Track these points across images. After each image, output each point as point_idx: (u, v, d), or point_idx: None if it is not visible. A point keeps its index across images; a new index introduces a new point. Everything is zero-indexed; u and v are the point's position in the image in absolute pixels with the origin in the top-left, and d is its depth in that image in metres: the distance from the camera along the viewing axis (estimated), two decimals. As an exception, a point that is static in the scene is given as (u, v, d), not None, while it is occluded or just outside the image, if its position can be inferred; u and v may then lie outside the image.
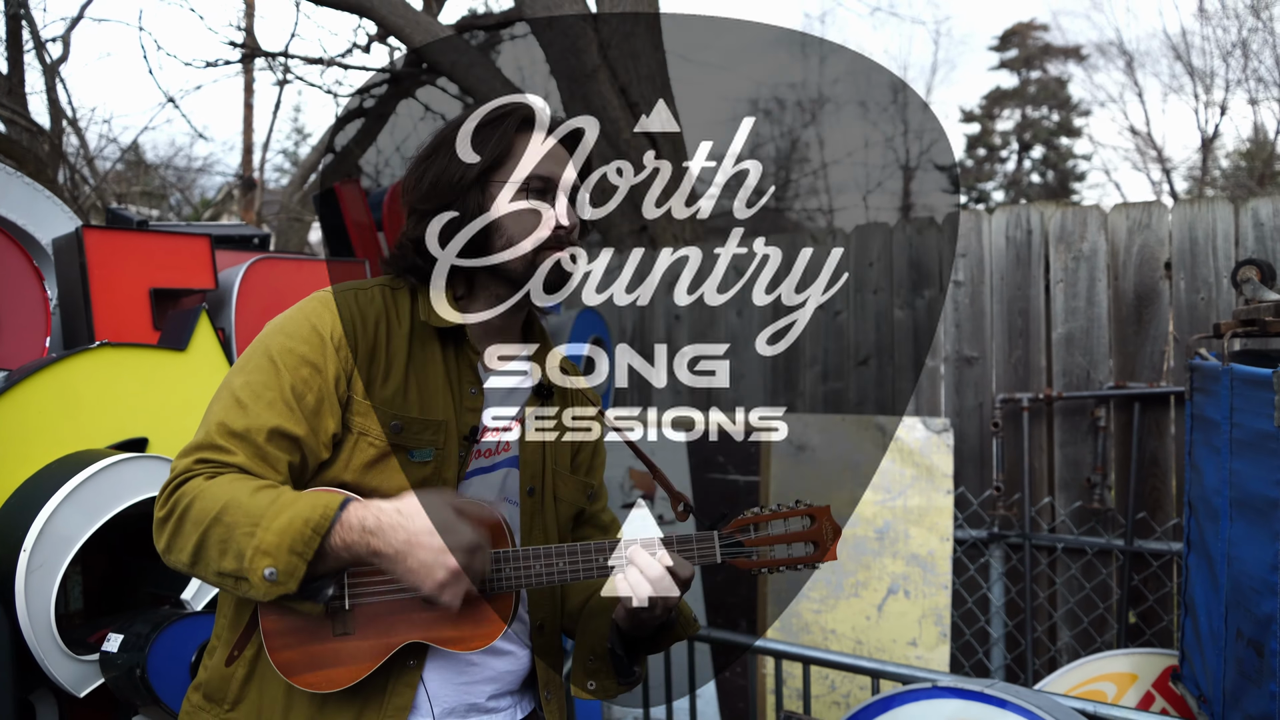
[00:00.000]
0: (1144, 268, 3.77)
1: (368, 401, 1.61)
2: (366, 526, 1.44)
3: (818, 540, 1.64)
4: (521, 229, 1.67)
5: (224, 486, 1.47)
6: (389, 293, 1.71)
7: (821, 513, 1.65)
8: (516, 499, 1.77)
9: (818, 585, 3.99)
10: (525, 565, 1.59)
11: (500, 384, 1.80)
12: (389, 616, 1.55)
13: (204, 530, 1.44)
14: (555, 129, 1.75)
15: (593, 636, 1.77)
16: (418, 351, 1.69)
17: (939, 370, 4.23)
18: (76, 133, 7.88)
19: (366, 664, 1.54)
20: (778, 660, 3.35)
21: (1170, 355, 3.70)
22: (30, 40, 7.39)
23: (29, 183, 2.93)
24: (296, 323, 1.62)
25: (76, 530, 2.34)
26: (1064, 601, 3.86)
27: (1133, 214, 3.81)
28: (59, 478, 2.35)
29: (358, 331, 1.62)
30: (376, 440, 1.60)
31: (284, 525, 1.42)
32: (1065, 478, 3.89)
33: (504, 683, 1.72)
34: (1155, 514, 3.68)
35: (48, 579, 2.28)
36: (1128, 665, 3.30)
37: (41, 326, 2.76)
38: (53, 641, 2.29)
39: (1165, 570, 3.64)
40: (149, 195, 12.07)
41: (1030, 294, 4.02)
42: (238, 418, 1.53)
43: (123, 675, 2.36)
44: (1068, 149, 27.50)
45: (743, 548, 1.62)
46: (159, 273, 3.02)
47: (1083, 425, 3.85)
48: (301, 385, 1.56)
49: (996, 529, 3.97)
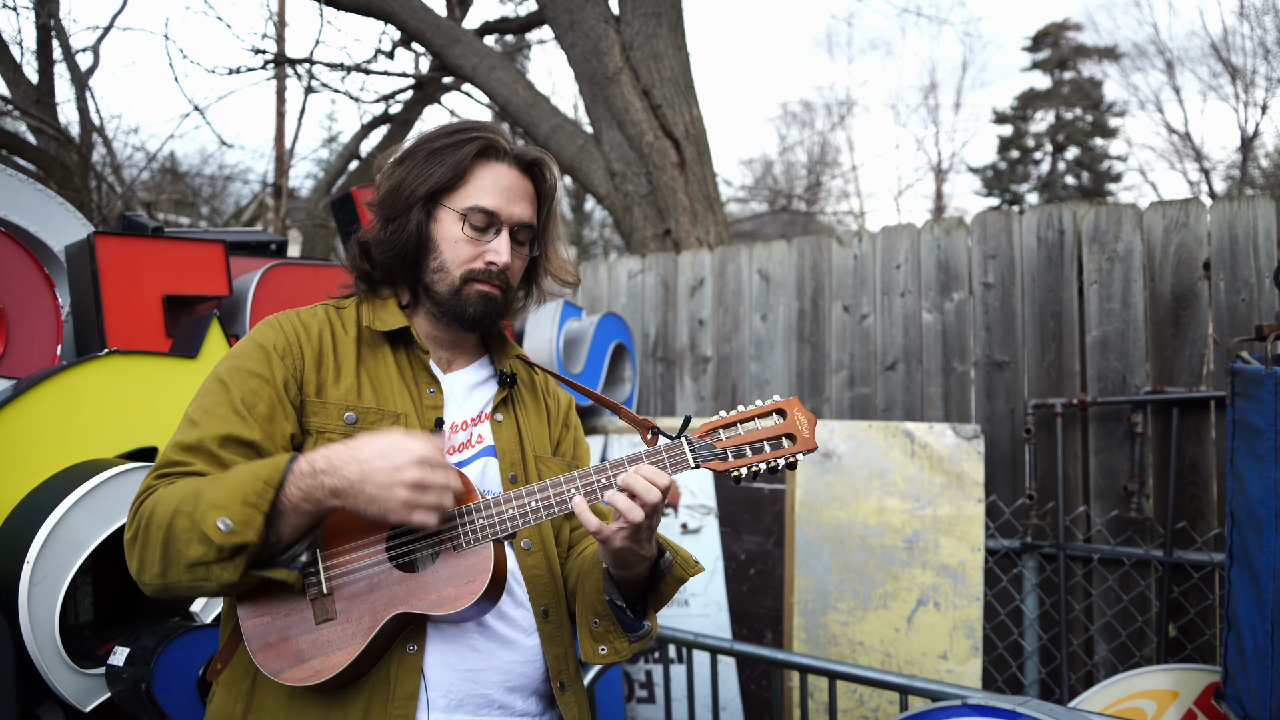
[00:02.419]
0: (1182, 268, 3.65)
1: (321, 400, 1.64)
2: (317, 468, 1.45)
3: (793, 433, 1.57)
4: (455, 256, 1.71)
5: (181, 485, 1.48)
6: (333, 310, 1.77)
7: (790, 404, 1.59)
8: (498, 489, 1.75)
9: (845, 596, 3.90)
10: (497, 510, 1.56)
11: (461, 383, 1.82)
12: (369, 593, 1.53)
13: (168, 528, 1.44)
14: (520, 159, 1.77)
15: (591, 594, 1.74)
16: (367, 356, 1.72)
17: (969, 375, 4.12)
18: (104, 142, 7.93)
19: (355, 645, 1.51)
20: (803, 674, 3.26)
21: (1210, 359, 3.57)
22: (60, 50, 7.44)
23: (40, 189, 2.91)
24: (243, 346, 1.67)
25: (82, 541, 2.30)
26: (1100, 614, 3.73)
27: (1169, 212, 3.69)
28: (65, 488, 2.31)
29: (301, 339, 1.67)
30: (334, 435, 1.61)
31: (234, 483, 1.43)
32: (1101, 486, 3.76)
33: (515, 675, 1.68)
34: (1195, 524, 3.54)
35: (52, 591, 2.25)
36: (1168, 682, 3.18)
37: (52, 334, 2.72)
38: (57, 655, 2.26)
39: (1207, 582, 3.51)
40: (181, 204, 12.19)
41: (1063, 296, 3.91)
42: (190, 433, 1.56)
43: (129, 689, 2.32)
44: (1102, 150, 27.17)
45: (714, 449, 1.57)
46: (172, 279, 2.99)
47: (1119, 431, 3.73)
48: (251, 395, 1.59)
49: (1030, 539, 3.86)
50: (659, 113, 5.83)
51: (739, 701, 4.08)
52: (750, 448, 1.56)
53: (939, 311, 4.21)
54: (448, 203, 1.70)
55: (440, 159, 1.69)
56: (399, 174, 1.71)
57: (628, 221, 5.93)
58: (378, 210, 1.73)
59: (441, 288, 1.71)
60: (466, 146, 1.70)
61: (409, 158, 1.72)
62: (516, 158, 1.77)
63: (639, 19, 5.87)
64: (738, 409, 1.59)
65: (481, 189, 1.70)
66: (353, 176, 9.58)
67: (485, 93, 6.71)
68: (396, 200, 1.70)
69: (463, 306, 1.71)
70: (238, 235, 3.70)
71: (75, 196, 6.32)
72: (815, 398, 4.53)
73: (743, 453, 1.56)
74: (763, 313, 4.70)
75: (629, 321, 5.00)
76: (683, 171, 5.80)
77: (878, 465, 3.92)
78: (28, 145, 6.84)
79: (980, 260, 4.11)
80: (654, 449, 1.58)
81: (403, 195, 1.69)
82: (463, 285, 1.70)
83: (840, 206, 26.26)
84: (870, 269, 4.40)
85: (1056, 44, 28.07)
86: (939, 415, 4.17)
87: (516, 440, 1.81)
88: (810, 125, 28.40)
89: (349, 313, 1.76)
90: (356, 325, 1.74)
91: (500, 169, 1.73)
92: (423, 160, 1.70)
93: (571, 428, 2.01)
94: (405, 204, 1.69)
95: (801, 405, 1.59)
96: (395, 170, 1.73)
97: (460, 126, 1.74)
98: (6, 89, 7.23)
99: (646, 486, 1.50)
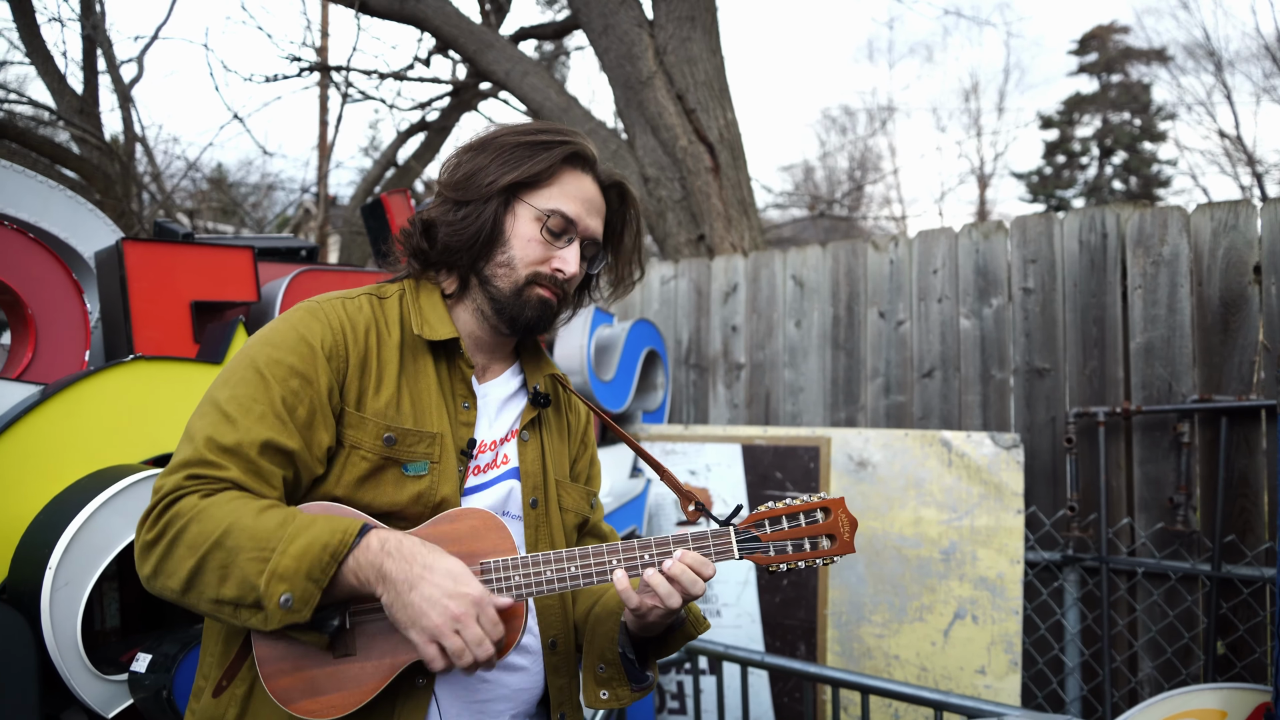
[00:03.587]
0: (1230, 272, 3.52)
1: (360, 413, 1.56)
2: (387, 548, 1.38)
3: (834, 533, 1.61)
4: (525, 255, 1.65)
5: (224, 507, 1.39)
6: (376, 302, 1.68)
7: (836, 504, 1.62)
8: (519, 512, 1.71)
9: (880, 609, 3.81)
10: (534, 570, 1.51)
11: (493, 396, 1.76)
12: (392, 634, 1.46)
13: (202, 555, 1.37)
14: (602, 178, 1.74)
15: (602, 641, 1.70)
16: (409, 363, 1.65)
17: (1008, 383, 4.02)
18: (146, 151, 8.04)
19: (371, 686, 1.46)
20: (835, 688, 3.19)
21: (1260, 366, 3.44)
22: (104, 61, 7.56)
23: (71, 195, 2.92)
24: (283, 333, 1.56)
25: (106, 547, 2.30)
26: (1145, 630, 3.61)
27: (1218, 214, 3.57)
28: (89, 494, 2.31)
29: (348, 340, 1.58)
30: (369, 454, 1.55)
31: (301, 549, 1.35)
32: (1145, 497, 3.65)
33: (520, 701, 1.66)
34: (1245, 537, 3.42)
35: (74, 597, 2.24)
36: (1216, 701, 3.07)
37: (81, 340, 2.73)
38: (79, 660, 2.25)
39: (1257, 598, 3.38)
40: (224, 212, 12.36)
41: (1106, 301, 3.80)
42: (227, 432, 1.46)
43: (150, 696, 2.31)
44: (1151, 154, 26.69)
45: (759, 543, 1.59)
46: (200, 285, 2.99)
47: (1164, 441, 3.61)
48: (292, 397, 1.50)
49: (1071, 551, 3.75)
50: (693, 117, 5.79)
51: (771, 714, 4.01)
52: (792, 544, 1.59)
53: (977, 317, 4.11)
54: (528, 199, 1.65)
55: (528, 154, 1.65)
56: (480, 160, 1.66)
57: (661, 227, 5.89)
58: (450, 192, 1.67)
59: (504, 284, 1.65)
60: (558, 149, 1.66)
61: (489, 146, 1.67)
62: (600, 175, 1.74)
63: (673, 23, 5.84)
64: (785, 501, 1.61)
65: (565, 194, 1.66)
66: (389, 183, 9.64)
67: (518, 98, 6.72)
68: (474, 185, 1.64)
69: (520, 308, 1.65)
70: (267, 241, 3.70)
71: (116, 205, 6.40)
72: (850, 405, 4.45)
73: (784, 549, 1.59)
74: (797, 319, 4.63)
75: (661, 328, 4.95)
76: (717, 176, 5.75)
77: (914, 475, 3.84)
78: (72, 155, 6.94)
79: (1020, 265, 4.01)
80: (700, 534, 1.56)
81: (482, 181, 1.63)
82: (526, 286, 1.65)
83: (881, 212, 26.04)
84: (906, 274, 4.32)
85: (1104, 47, 27.64)
86: (977, 424, 4.07)
87: (540, 463, 1.76)
88: (851, 130, 28.23)
89: (391, 306, 1.68)
90: (400, 326, 1.66)
91: (585, 180, 1.70)
92: (508, 151, 1.65)
93: (589, 446, 1.96)
94: (484, 191, 1.63)
95: (846, 507, 1.62)
96: (475, 156, 1.67)
97: (550, 127, 1.70)
98: (52, 100, 7.36)
99: (693, 579, 1.51)
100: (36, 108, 7.59)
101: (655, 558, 1.53)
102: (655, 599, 1.51)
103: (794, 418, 4.62)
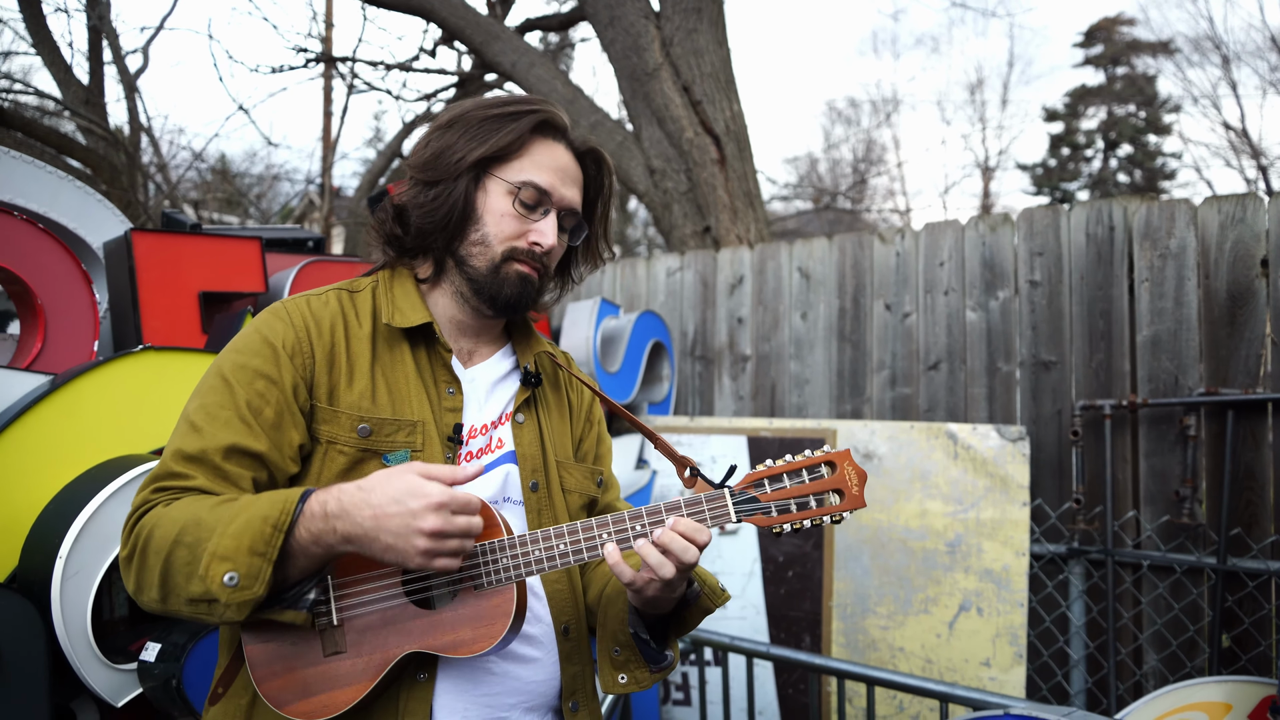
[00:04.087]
0: (1238, 265, 3.52)
1: (333, 408, 1.52)
2: (329, 510, 1.34)
3: (841, 488, 1.48)
4: (499, 231, 1.61)
5: (182, 508, 1.38)
6: (346, 296, 1.64)
7: (841, 457, 1.49)
8: (519, 497, 1.66)
9: (885, 601, 3.82)
10: (523, 550, 1.45)
11: (482, 379, 1.71)
12: (382, 628, 1.44)
13: (166, 557, 1.35)
14: (576, 144, 1.69)
15: (614, 623, 1.65)
16: (384, 353, 1.60)
17: (1014, 375, 4.02)
18: (152, 142, 8.04)
19: (364, 682, 1.43)
20: (840, 680, 3.20)
21: (1268, 359, 3.44)
22: (110, 51, 7.56)
23: (80, 186, 2.93)
24: (247, 338, 1.54)
25: (115, 537, 2.30)
26: (1150, 623, 3.61)
27: (1225, 207, 3.56)
28: (98, 484, 2.32)
29: (312, 336, 1.55)
30: (346, 447, 1.52)
31: (241, 526, 1.32)
32: (1151, 490, 3.65)
33: (530, 695, 1.59)
34: (1251, 530, 3.42)
35: (84, 586, 2.25)
36: (1221, 694, 3.07)
37: (89, 331, 2.74)
38: (89, 649, 2.26)
39: (1262, 591, 3.38)
40: (229, 203, 12.36)
41: (1113, 294, 3.79)
42: (192, 441, 1.45)
43: (159, 685, 2.32)
44: (1156, 147, 26.60)
45: (758, 503, 1.47)
46: (208, 276, 3.00)
47: (1170, 434, 3.61)
48: (258, 399, 1.47)
49: (1076, 544, 3.75)
50: (699, 109, 5.78)
51: (776, 705, 4.02)
52: (795, 502, 1.48)
53: (983, 310, 4.11)
54: (499, 173, 1.59)
55: (495, 127, 1.59)
56: (448, 137, 1.60)
57: (667, 219, 5.89)
58: (419, 173, 1.62)
59: (479, 262, 1.60)
60: (526, 118, 1.60)
61: (458, 122, 1.61)
62: (573, 142, 1.68)
63: (679, 14, 5.82)
64: (785, 459, 1.49)
65: (537, 165, 1.60)
66: (394, 175, 9.63)
67: (524, 89, 6.71)
68: (443, 164, 1.59)
69: (499, 286, 1.60)
70: (275, 232, 3.71)
71: (123, 196, 6.40)
72: (856, 398, 4.45)
73: (787, 508, 1.47)
74: (803, 311, 4.63)
75: (667, 319, 4.95)
76: (723, 168, 5.75)
77: (920, 467, 3.84)
78: (77, 145, 6.95)
79: (1026, 257, 4.01)
80: (694, 499, 1.48)
81: (450, 160, 1.58)
82: (503, 263, 1.60)
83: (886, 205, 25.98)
84: (913, 266, 4.31)
85: (1109, 39, 27.54)
86: (983, 416, 4.07)
87: (538, 444, 1.70)
88: (856, 123, 28.16)
89: (364, 299, 1.64)
90: (372, 317, 1.62)
91: (557, 149, 1.64)
92: (475, 126, 1.59)
93: (595, 423, 1.90)
94: (453, 169, 1.58)
95: (853, 459, 1.50)
96: (443, 134, 1.62)
97: (518, 98, 1.65)
98: (58, 90, 7.36)
99: (684, 546, 1.42)
100: (42, 98, 7.59)
101: (648, 527, 1.47)
102: (649, 571, 1.44)
103: (800, 410, 4.62)
